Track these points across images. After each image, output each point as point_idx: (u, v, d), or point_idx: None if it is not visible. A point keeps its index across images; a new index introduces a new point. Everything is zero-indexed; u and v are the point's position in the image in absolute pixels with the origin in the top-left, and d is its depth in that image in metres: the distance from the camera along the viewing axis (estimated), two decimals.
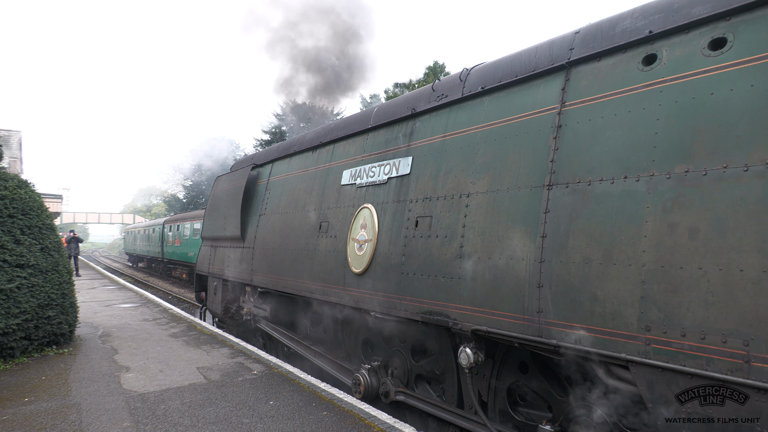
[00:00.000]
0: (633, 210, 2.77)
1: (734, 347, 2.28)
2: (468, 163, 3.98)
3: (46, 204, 6.76)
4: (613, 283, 2.78)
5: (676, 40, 2.84)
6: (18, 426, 3.92)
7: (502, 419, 3.83)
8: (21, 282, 5.79)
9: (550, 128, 3.39)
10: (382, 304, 4.57)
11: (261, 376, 5.44)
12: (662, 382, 2.53)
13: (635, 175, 2.81)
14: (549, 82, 3.53)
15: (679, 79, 2.76)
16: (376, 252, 4.73)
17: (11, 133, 23.74)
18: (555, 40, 3.67)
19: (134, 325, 8.62)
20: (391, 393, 4.83)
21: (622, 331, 2.71)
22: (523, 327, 3.24)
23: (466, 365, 3.70)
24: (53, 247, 6.39)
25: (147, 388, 4.95)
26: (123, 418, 4.14)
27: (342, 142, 5.97)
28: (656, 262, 2.61)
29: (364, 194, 5.20)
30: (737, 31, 2.57)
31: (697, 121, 2.62)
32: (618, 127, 2.98)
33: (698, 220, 2.50)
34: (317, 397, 4.73)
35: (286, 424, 4.05)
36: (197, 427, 3.96)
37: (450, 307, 3.82)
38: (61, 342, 6.55)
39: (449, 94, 4.45)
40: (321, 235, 5.76)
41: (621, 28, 3.17)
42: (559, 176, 3.23)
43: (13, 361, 5.81)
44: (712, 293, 2.38)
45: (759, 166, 2.33)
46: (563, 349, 3.01)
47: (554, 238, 3.14)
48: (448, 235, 3.97)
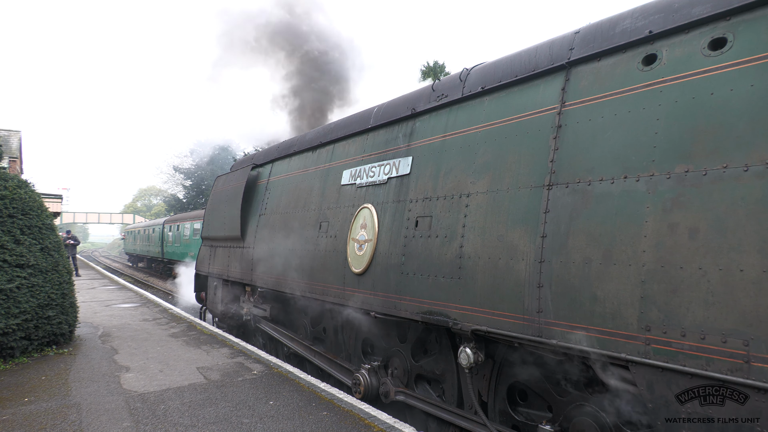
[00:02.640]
0: (633, 210, 2.77)
1: (734, 347, 2.28)
2: (468, 163, 3.98)
3: (46, 204, 6.75)
4: (613, 283, 2.78)
5: (676, 40, 2.84)
6: (18, 426, 3.91)
7: (502, 419, 3.83)
8: (21, 282, 5.79)
9: (550, 128, 3.39)
10: (382, 304, 4.57)
11: (261, 376, 5.44)
12: (662, 382, 2.53)
13: (635, 175, 2.81)
14: (549, 82, 3.53)
15: (679, 79, 2.76)
16: (376, 252, 4.73)
17: (11, 133, 23.73)
18: (555, 40, 3.67)
19: (134, 325, 8.62)
20: (391, 393, 4.83)
21: (622, 331, 2.71)
22: (523, 327, 3.24)
23: (466, 365, 3.70)
24: (53, 247, 6.39)
25: (147, 388, 4.95)
26: (123, 418, 4.14)
27: (342, 142, 5.97)
28: (656, 262, 2.61)
29: (364, 194, 5.20)
30: (737, 31, 2.57)
31: (697, 121, 2.62)
32: (618, 127, 2.98)
33: (698, 220, 2.50)
34: (317, 397, 4.73)
35: (286, 424, 4.05)
36: (197, 427, 3.96)
37: (450, 307, 3.82)
38: (61, 342, 6.55)
39: (449, 94, 4.45)
40: (321, 235, 5.76)
41: (621, 28, 3.17)
42: (559, 176, 3.23)
43: (13, 361, 5.81)
44: (712, 293, 2.38)
45: (759, 166, 2.33)
46: (563, 349, 3.01)
47: (554, 238, 3.14)
48: (448, 235, 3.97)
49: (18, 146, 23.08)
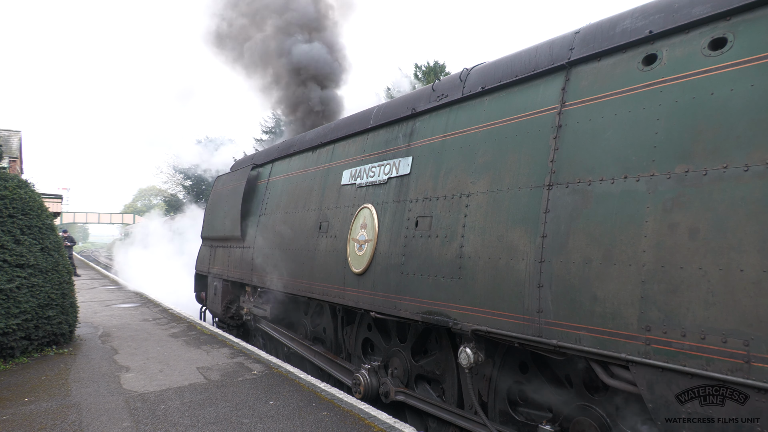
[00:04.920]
0: (633, 210, 2.77)
1: (734, 347, 2.28)
2: (468, 163, 3.98)
3: (46, 204, 6.75)
4: (613, 283, 2.78)
5: (677, 40, 2.83)
6: (18, 426, 3.91)
7: (502, 419, 3.83)
8: (21, 282, 5.79)
9: (550, 128, 3.39)
10: (382, 304, 4.57)
11: (261, 376, 5.44)
12: (662, 382, 2.53)
13: (635, 175, 2.81)
14: (549, 82, 3.53)
15: (679, 79, 2.76)
16: (376, 252, 4.73)
17: (11, 133, 23.74)
18: (555, 40, 3.67)
19: (134, 325, 8.62)
20: (391, 393, 4.83)
21: (622, 331, 2.71)
22: (523, 327, 3.24)
23: (466, 365, 3.69)
24: (53, 247, 6.39)
25: (147, 388, 4.95)
26: (123, 418, 4.14)
27: (342, 142, 5.97)
28: (656, 262, 2.61)
29: (364, 194, 5.20)
30: (737, 31, 2.57)
31: (697, 121, 2.62)
32: (618, 127, 2.98)
33: (698, 220, 2.50)
34: (317, 397, 4.73)
35: (286, 424, 4.05)
36: (197, 427, 3.96)
37: (450, 307, 3.82)
38: (61, 342, 6.55)
39: (449, 94, 4.45)
40: (321, 235, 5.76)
41: (621, 28, 3.17)
42: (559, 176, 3.23)
43: (13, 361, 5.80)
44: (712, 293, 2.38)
45: (759, 166, 2.33)
46: (563, 349, 3.01)
47: (554, 238, 3.14)
48: (448, 235, 3.96)
49: (18, 146, 23.09)
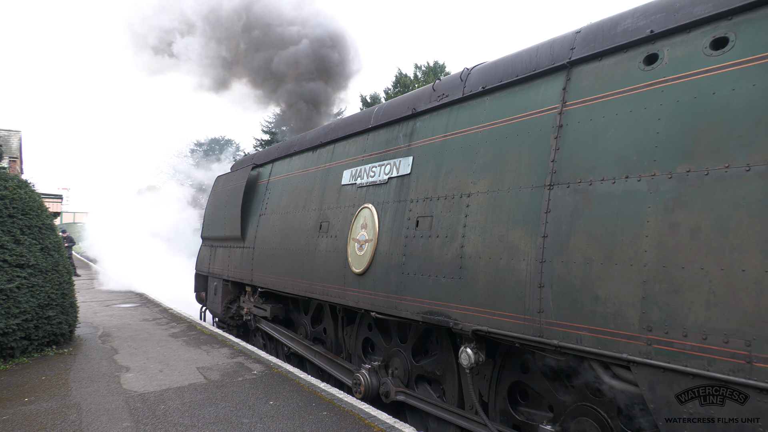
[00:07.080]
0: (634, 210, 2.76)
1: (736, 347, 2.28)
2: (469, 162, 3.98)
3: (46, 204, 6.75)
4: (614, 283, 2.77)
5: (678, 40, 2.83)
6: (18, 426, 3.91)
7: (502, 419, 3.82)
8: (21, 282, 5.78)
9: (551, 128, 3.38)
10: (383, 304, 4.56)
11: (261, 376, 5.44)
12: (664, 382, 2.53)
13: (636, 174, 2.80)
14: (550, 82, 3.53)
15: (680, 78, 2.75)
16: (376, 252, 4.72)
17: (11, 133, 23.74)
18: (556, 39, 3.67)
19: (134, 325, 8.61)
20: (392, 393, 4.82)
21: (623, 332, 2.70)
22: (524, 327, 3.24)
23: (466, 365, 3.69)
24: (53, 247, 6.38)
25: (147, 388, 4.95)
26: (123, 418, 4.13)
27: (342, 142, 5.97)
28: (658, 262, 2.60)
29: (364, 194, 5.20)
30: (739, 30, 2.56)
31: (698, 121, 2.61)
32: (619, 126, 2.97)
33: (700, 220, 2.49)
34: (317, 397, 4.72)
35: (286, 424, 4.04)
36: (197, 427, 3.95)
37: (451, 307, 3.81)
38: (61, 342, 6.54)
39: (450, 93, 4.45)
40: (321, 235, 5.76)
41: (622, 27, 3.16)
42: (560, 176, 3.22)
43: (13, 361, 5.80)
44: (713, 293, 2.38)
45: (761, 166, 2.33)
46: (564, 350, 3.01)
47: (555, 238, 3.13)
48: (448, 235, 3.96)
49: (18, 146, 23.09)
